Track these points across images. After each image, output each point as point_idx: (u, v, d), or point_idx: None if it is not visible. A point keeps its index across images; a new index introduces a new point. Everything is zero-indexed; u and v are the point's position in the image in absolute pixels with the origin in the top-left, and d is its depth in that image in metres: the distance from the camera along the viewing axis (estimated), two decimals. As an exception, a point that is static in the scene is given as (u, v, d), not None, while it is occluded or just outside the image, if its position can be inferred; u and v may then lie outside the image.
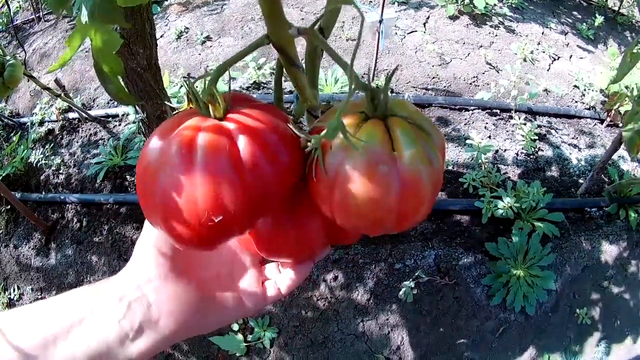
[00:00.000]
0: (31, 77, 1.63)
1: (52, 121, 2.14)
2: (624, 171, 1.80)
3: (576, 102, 2.06)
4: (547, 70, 2.18)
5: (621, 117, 1.87)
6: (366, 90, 0.26)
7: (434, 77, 2.07)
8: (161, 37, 2.41)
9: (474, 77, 2.07)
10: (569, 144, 1.86)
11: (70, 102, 1.92)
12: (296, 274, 0.37)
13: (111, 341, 0.31)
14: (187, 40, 2.36)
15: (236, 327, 1.51)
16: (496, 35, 2.31)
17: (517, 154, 1.78)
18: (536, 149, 1.80)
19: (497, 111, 1.90)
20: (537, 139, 1.83)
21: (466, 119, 1.89)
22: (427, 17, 2.38)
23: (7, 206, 1.92)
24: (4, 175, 1.97)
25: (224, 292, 0.36)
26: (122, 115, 2.04)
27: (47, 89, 1.73)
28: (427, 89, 2.02)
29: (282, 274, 0.38)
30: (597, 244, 1.61)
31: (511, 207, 1.53)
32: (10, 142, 2.15)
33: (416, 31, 2.29)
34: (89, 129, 2.06)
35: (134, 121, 1.91)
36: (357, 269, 1.53)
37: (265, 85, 2.08)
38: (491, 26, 2.36)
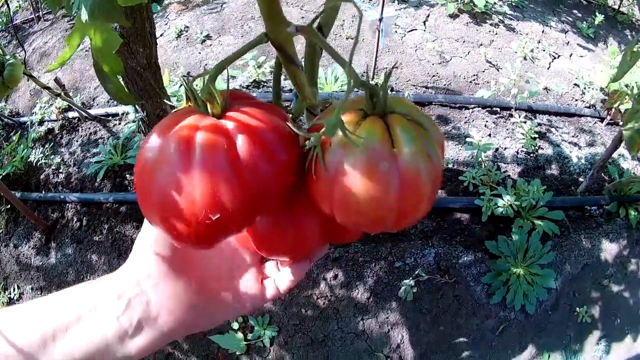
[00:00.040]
0: (31, 76, 1.63)
1: (52, 120, 2.14)
2: (624, 169, 1.80)
3: (576, 100, 2.06)
4: (547, 68, 2.18)
5: (621, 116, 1.86)
6: (365, 87, 0.26)
7: (434, 76, 2.06)
8: (161, 35, 2.41)
9: (474, 75, 2.07)
10: (569, 142, 1.86)
11: (70, 101, 1.92)
12: (294, 273, 0.37)
13: (110, 338, 0.31)
14: (187, 39, 2.36)
15: (236, 326, 1.51)
16: (496, 33, 2.31)
17: (517, 152, 1.78)
18: (536, 147, 1.80)
19: (497, 109, 1.90)
20: (537, 137, 1.83)
21: (466, 117, 1.89)
22: (427, 16, 2.38)
23: (7, 205, 1.92)
24: (4, 174, 1.97)
25: (223, 289, 0.36)
26: (122, 114, 2.04)
27: (46, 88, 1.73)
28: (427, 87, 2.02)
29: (280, 272, 0.38)
30: (597, 242, 1.61)
31: (511, 205, 1.53)
32: (10, 141, 2.15)
33: (416, 29, 2.29)
34: (89, 128, 2.06)
35: (134, 120, 1.91)
36: (357, 268, 1.53)
37: (265, 83, 2.08)
38: (491, 24, 2.35)
